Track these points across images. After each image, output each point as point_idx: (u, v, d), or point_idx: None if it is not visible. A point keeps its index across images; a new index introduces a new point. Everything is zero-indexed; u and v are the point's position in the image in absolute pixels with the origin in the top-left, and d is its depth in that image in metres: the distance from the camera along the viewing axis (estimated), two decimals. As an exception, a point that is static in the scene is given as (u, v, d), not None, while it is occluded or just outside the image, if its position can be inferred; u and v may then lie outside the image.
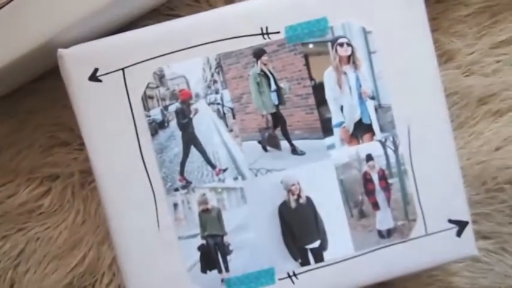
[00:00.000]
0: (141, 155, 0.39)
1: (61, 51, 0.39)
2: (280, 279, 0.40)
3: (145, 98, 0.39)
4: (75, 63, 0.39)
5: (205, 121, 0.40)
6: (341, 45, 0.40)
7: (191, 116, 0.40)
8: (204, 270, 0.40)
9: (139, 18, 0.47)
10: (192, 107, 0.40)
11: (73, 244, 0.48)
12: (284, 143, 0.40)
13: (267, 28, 0.40)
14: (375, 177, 0.41)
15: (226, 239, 0.40)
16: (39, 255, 0.48)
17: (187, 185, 0.40)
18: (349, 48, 0.40)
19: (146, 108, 0.39)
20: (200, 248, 0.40)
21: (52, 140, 0.48)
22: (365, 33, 0.40)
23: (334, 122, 0.40)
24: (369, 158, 0.41)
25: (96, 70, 0.39)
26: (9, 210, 0.48)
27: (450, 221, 0.41)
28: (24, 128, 0.48)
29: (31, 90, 0.48)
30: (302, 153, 0.40)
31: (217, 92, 0.40)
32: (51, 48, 0.40)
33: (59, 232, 0.48)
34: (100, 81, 0.39)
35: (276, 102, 0.40)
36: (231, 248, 0.40)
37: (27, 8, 0.40)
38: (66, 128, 0.48)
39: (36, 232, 0.48)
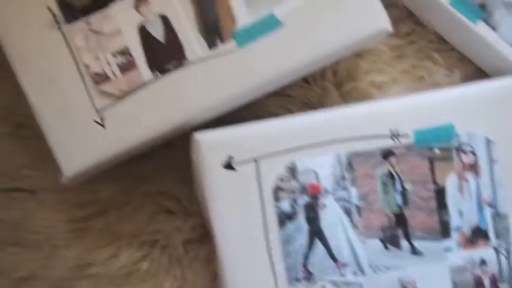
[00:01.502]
0: (267, 244, 0.40)
1: (197, 136, 0.40)
2: None
3: (276, 190, 0.41)
4: (210, 149, 0.40)
5: (331, 216, 0.41)
6: (465, 152, 0.42)
7: (319, 210, 0.41)
8: None
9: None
10: (320, 202, 0.41)
11: (168, 311, 0.48)
12: (404, 243, 0.42)
13: (396, 130, 0.41)
14: (487, 282, 0.42)
15: (343, 332, 0.41)
16: (134, 318, 0.48)
17: (308, 276, 0.41)
18: (473, 156, 0.42)
19: (276, 199, 0.40)
20: None
21: (158, 207, 0.49)
22: (488, 143, 0.42)
23: (452, 225, 0.42)
24: (483, 262, 0.42)
25: (230, 158, 0.40)
26: (109, 272, 0.48)
27: (553, 330, 0.42)
28: (132, 193, 0.49)
29: (143, 156, 0.48)
30: (420, 254, 0.42)
31: (345, 189, 0.41)
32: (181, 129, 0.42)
33: (154, 297, 0.49)
34: (234, 169, 0.40)
35: (400, 203, 0.42)
36: None
37: (166, 92, 0.41)
38: (173, 197, 0.49)
39: (132, 295, 0.49)
